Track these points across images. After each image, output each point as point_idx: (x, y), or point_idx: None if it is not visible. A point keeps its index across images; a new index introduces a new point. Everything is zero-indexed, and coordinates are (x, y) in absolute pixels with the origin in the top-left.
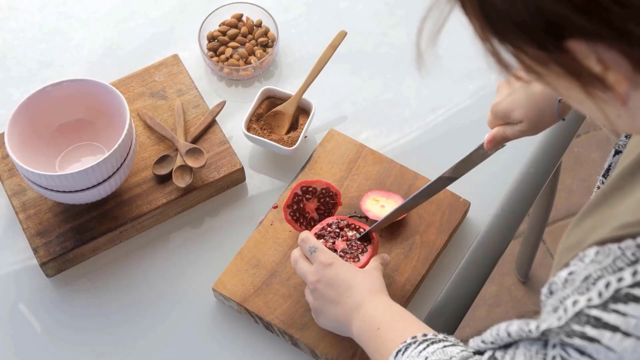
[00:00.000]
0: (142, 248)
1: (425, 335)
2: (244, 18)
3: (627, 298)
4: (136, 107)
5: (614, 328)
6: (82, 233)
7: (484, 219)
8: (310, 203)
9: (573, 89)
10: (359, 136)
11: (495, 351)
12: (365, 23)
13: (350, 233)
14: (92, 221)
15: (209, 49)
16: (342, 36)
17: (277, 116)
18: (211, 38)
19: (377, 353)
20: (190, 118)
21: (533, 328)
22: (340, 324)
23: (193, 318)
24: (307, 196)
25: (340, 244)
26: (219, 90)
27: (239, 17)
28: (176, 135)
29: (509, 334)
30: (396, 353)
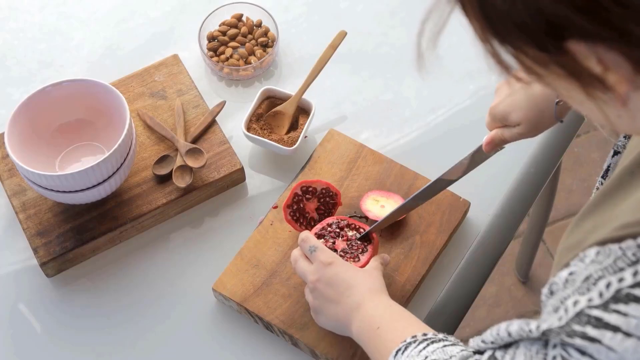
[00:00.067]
0: (142, 248)
1: (425, 334)
2: (244, 18)
3: (628, 298)
4: (136, 107)
5: (615, 328)
6: (82, 233)
7: (484, 219)
8: (310, 203)
9: (573, 90)
10: (359, 136)
11: (495, 351)
12: (365, 23)
13: (350, 233)
14: (92, 221)
15: (209, 49)
16: (342, 36)
17: (277, 116)
18: (211, 38)
19: (377, 352)
20: (190, 118)
21: (533, 328)
22: (339, 324)
23: (193, 318)
24: (307, 196)
25: (340, 244)
26: (219, 90)
27: (239, 17)
28: (176, 135)
29: (510, 334)
30: (396, 352)
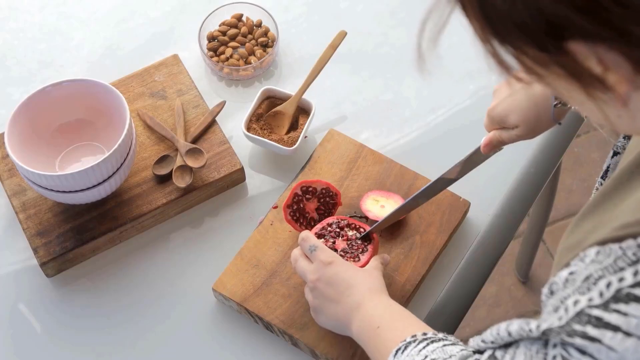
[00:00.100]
0: (142, 248)
1: (425, 334)
2: (244, 18)
3: (629, 298)
4: (136, 107)
5: (615, 328)
6: (82, 233)
7: (484, 219)
8: (310, 203)
9: (574, 90)
10: (359, 136)
11: (495, 350)
12: (365, 23)
13: (350, 233)
14: (92, 221)
15: (209, 49)
16: (342, 36)
17: (277, 116)
18: (211, 38)
19: (377, 352)
20: (190, 118)
21: (534, 327)
22: (339, 323)
23: (193, 318)
24: (307, 196)
25: (340, 244)
26: (219, 90)
27: (239, 17)
28: (176, 135)
29: (510, 334)
30: (396, 351)
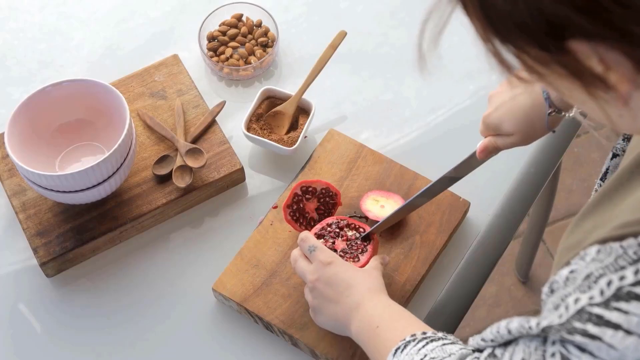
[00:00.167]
0: (142, 248)
1: (424, 333)
2: (244, 18)
3: (629, 296)
4: (136, 107)
5: (616, 326)
6: (82, 233)
7: (484, 219)
8: (310, 203)
9: (575, 89)
10: (359, 136)
11: (494, 349)
12: (365, 23)
13: (350, 233)
14: (92, 221)
15: (209, 49)
16: (342, 36)
17: (277, 116)
18: (211, 38)
19: (376, 352)
20: (190, 118)
21: (533, 325)
22: (339, 323)
23: (193, 318)
24: (307, 196)
25: (340, 244)
26: (219, 90)
27: (239, 17)
28: (176, 135)
29: (509, 331)
30: (395, 351)
